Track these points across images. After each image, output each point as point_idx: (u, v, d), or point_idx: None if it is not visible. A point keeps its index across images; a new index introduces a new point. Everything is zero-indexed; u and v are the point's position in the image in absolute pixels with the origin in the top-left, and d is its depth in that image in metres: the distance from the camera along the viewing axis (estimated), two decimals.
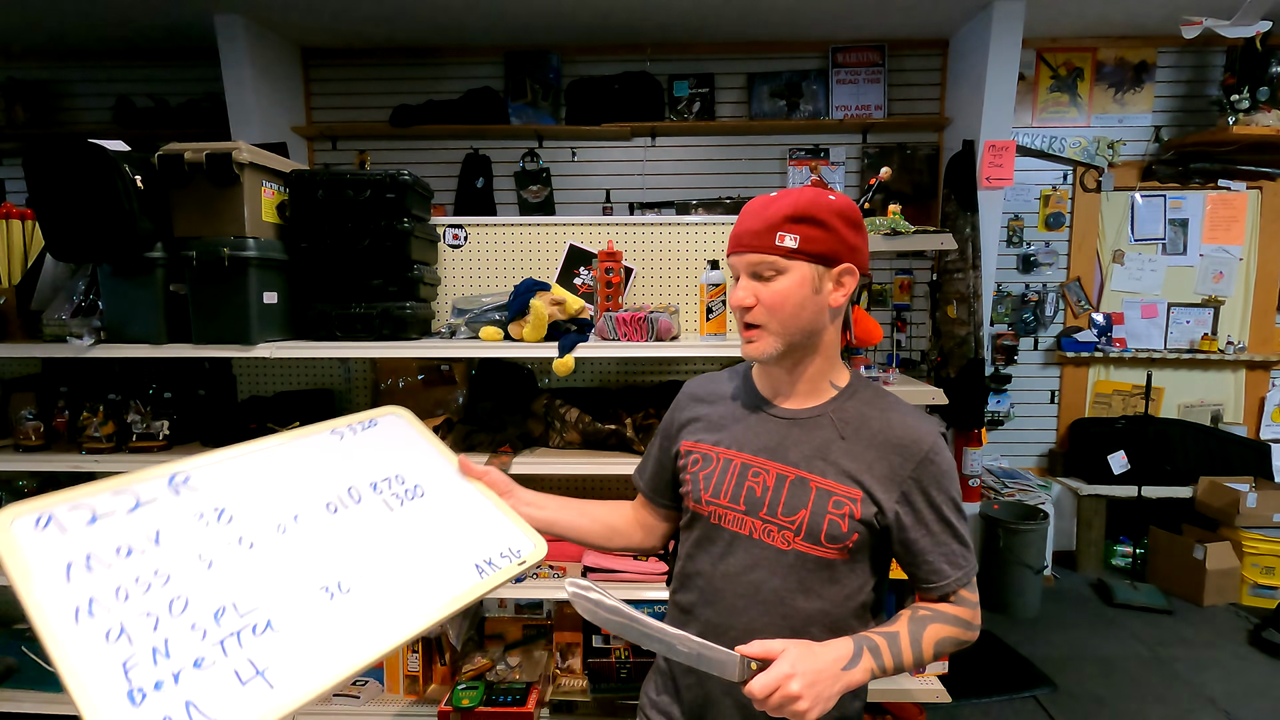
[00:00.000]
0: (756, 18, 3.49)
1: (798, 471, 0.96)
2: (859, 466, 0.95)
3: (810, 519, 0.94)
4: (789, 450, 0.98)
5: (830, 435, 0.97)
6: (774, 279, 0.93)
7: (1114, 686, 2.71)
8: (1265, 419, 3.95)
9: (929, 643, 0.93)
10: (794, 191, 0.94)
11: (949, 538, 0.96)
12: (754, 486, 0.98)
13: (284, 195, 1.90)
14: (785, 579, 0.96)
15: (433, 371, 2.17)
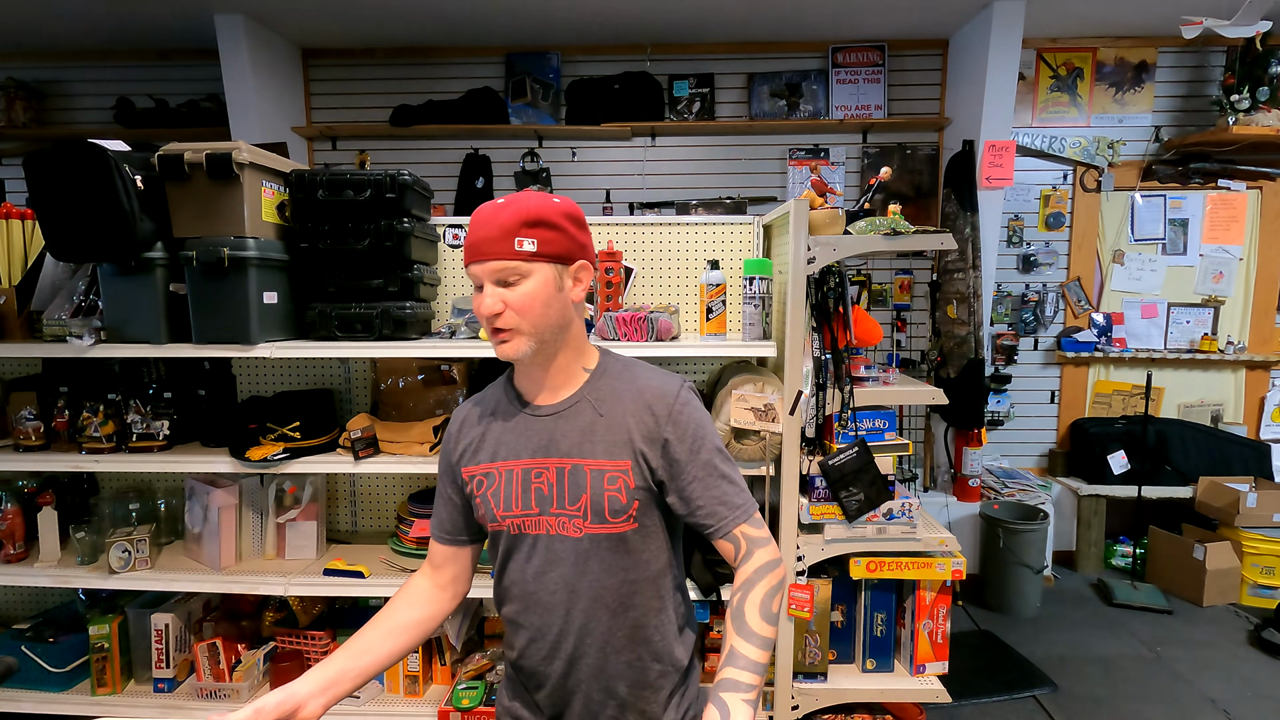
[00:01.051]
0: (756, 18, 3.49)
1: (571, 460, 1.02)
2: (621, 437, 1.02)
3: (593, 501, 1.01)
4: (559, 442, 1.03)
5: (590, 417, 1.03)
6: (519, 283, 0.98)
7: (1114, 686, 2.71)
8: (1265, 419, 3.95)
9: (755, 621, 0.98)
10: (521, 197, 0.99)
11: (716, 479, 1.03)
12: (540, 487, 1.03)
13: (284, 195, 1.90)
14: (588, 563, 1.02)
15: (433, 371, 2.17)
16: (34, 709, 2.00)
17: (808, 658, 1.89)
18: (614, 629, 1.04)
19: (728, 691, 0.93)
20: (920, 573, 1.83)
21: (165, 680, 2.03)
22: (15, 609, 2.41)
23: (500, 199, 0.99)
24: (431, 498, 2.13)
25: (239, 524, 2.06)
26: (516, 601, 1.07)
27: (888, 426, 1.85)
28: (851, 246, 1.76)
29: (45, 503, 2.06)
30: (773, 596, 1.00)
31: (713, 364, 2.27)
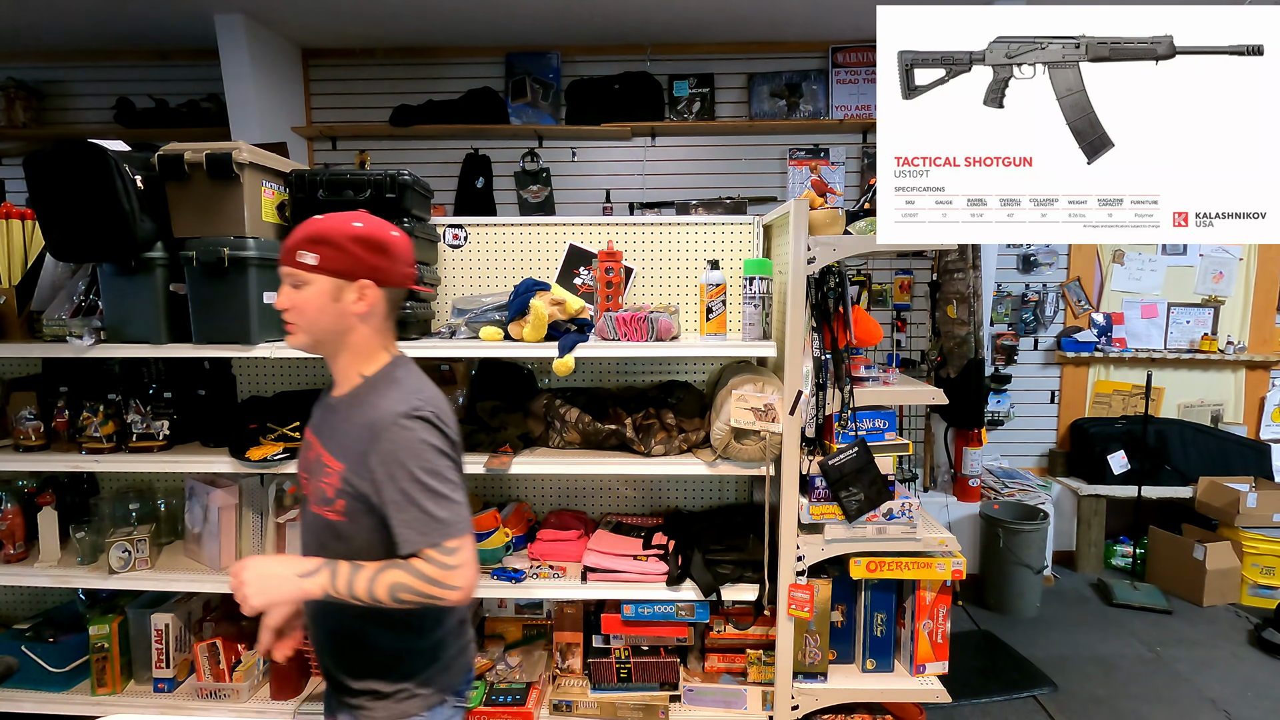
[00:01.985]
0: (756, 18, 3.49)
1: (319, 446, 1.19)
2: (346, 444, 1.14)
3: (316, 485, 1.17)
4: (323, 429, 1.21)
5: (344, 416, 1.17)
6: (302, 289, 1.13)
7: (1114, 686, 2.71)
8: (1265, 419, 3.95)
9: (383, 584, 1.07)
10: (319, 219, 1.15)
11: (408, 505, 1.08)
12: (308, 455, 1.22)
13: (284, 195, 1.90)
14: (314, 537, 1.19)
15: (433, 371, 2.17)
16: (34, 709, 2.00)
17: (808, 658, 1.89)
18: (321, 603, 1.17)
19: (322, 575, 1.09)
20: (920, 573, 1.83)
21: (165, 680, 2.03)
22: (15, 609, 2.41)
23: (326, 215, 1.17)
24: None
25: (239, 524, 2.06)
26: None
27: (888, 426, 1.85)
28: (851, 246, 1.76)
29: (45, 503, 2.06)
30: (406, 592, 1.08)
31: (713, 364, 2.27)
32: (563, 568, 1.99)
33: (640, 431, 1.95)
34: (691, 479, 2.32)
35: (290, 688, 2.00)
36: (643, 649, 1.97)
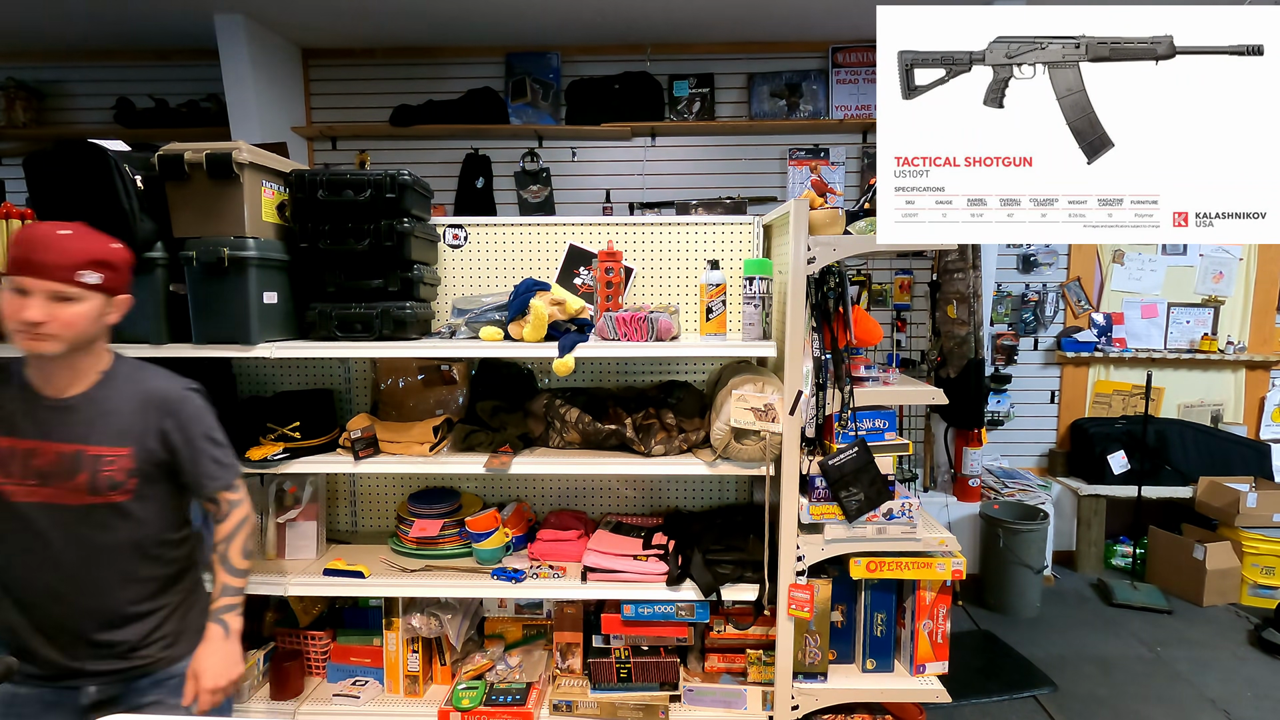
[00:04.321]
0: (756, 18, 3.50)
1: (73, 446, 1.25)
2: (123, 428, 1.29)
3: (91, 479, 1.26)
4: (65, 427, 1.26)
5: (97, 411, 1.28)
6: (72, 303, 1.20)
7: (1114, 686, 2.71)
8: (1265, 419, 3.95)
9: (238, 560, 1.41)
10: (89, 238, 1.23)
11: (207, 456, 1.39)
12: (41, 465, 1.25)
13: (284, 195, 1.90)
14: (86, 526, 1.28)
15: (433, 371, 2.17)
16: None
17: (808, 658, 1.89)
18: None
19: (225, 613, 1.38)
20: (920, 573, 1.83)
21: None
22: None
23: (63, 229, 1.21)
24: (431, 497, 2.13)
25: None
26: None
27: (888, 426, 1.85)
28: (851, 246, 1.76)
29: None
30: (249, 539, 1.43)
31: (713, 364, 2.27)
32: (563, 568, 1.99)
33: (640, 431, 1.95)
34: (691, 479, 2.32)
35: (290, 688, 2.00)
36: (643, 649, 1.97)
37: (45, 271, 1.17)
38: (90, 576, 1.30)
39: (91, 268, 1.21)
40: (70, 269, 1.18)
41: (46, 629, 1.31)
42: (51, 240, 1.19)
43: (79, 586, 1.30)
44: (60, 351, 1.22)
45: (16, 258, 1.18)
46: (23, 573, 1.29)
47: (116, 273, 1.27)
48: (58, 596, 1.29)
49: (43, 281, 1.17)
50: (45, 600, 1.30)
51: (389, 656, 2.03)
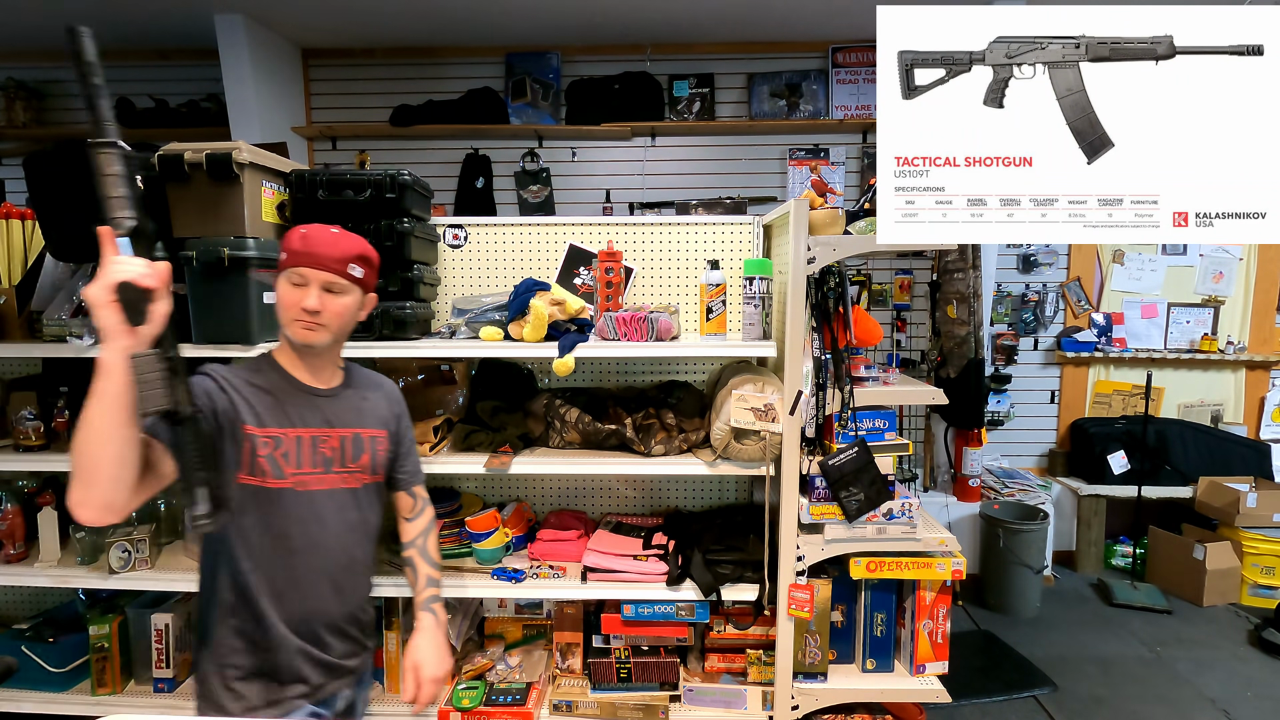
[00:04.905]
0: (756, 18, 3.50)
1: (353, 430, 1.34)
2: (378, 415, 1.40)
3: (371, 459, 1.36)
4: (336, 414, 1.33)
5: (357, 400, 1.38)
6: (340, 296, 1.28)
7: (1114, 686, 2.71)
8: (1265, 419, 3.95)
9: (435, 556, 1.53)
10: (353, 236, 1.30)
11: (414, 453, 1.53)
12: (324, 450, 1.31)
13: (284, 195, 1.90)
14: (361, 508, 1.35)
15: (433, 371, 2.17)
16: (34, 709, 2.00)
17: (808, 658, 1.89)
18: None
19: (434, 603, 1.45)
20: (920, 573, 1.83)
21: (165, 680, 2.03)
22: (15, 609, 2.41)
23: (332, 229, 1.29)
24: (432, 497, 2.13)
25: None
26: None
27: (888, 426, 1.85)
28: (851, 246, 1.76)
29: (45, 503, 2.06)
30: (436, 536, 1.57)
31: (713, 364, 2.27)
32: (563, 568, 1.99)
33: (640, 431, 1.95)
34: (691, 479, 2.32)
35: None
36: (643, 649, 1.97)
37: (322, 263, 1.24)
38: (354, 561, 1.34)
39: (357, 261, 1.28)
40: (343, 261, 1.26)
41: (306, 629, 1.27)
42: (326, 235, 1.27)
43: (348, 571, 1.32)
44: (327, 342, 1.29)
45: (298, 250, 1.25)
46: (300, 562, 1.27)
47: (372, 270, 1.34)
48: (333, 584, 1.30)
49: (320, 272, 1.24)
50: (316, 591, 1.28)
51: (389, 656, 2.03)
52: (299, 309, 1.25)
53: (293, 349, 1.32)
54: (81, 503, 0.97)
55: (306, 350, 1.30)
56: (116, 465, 0.97)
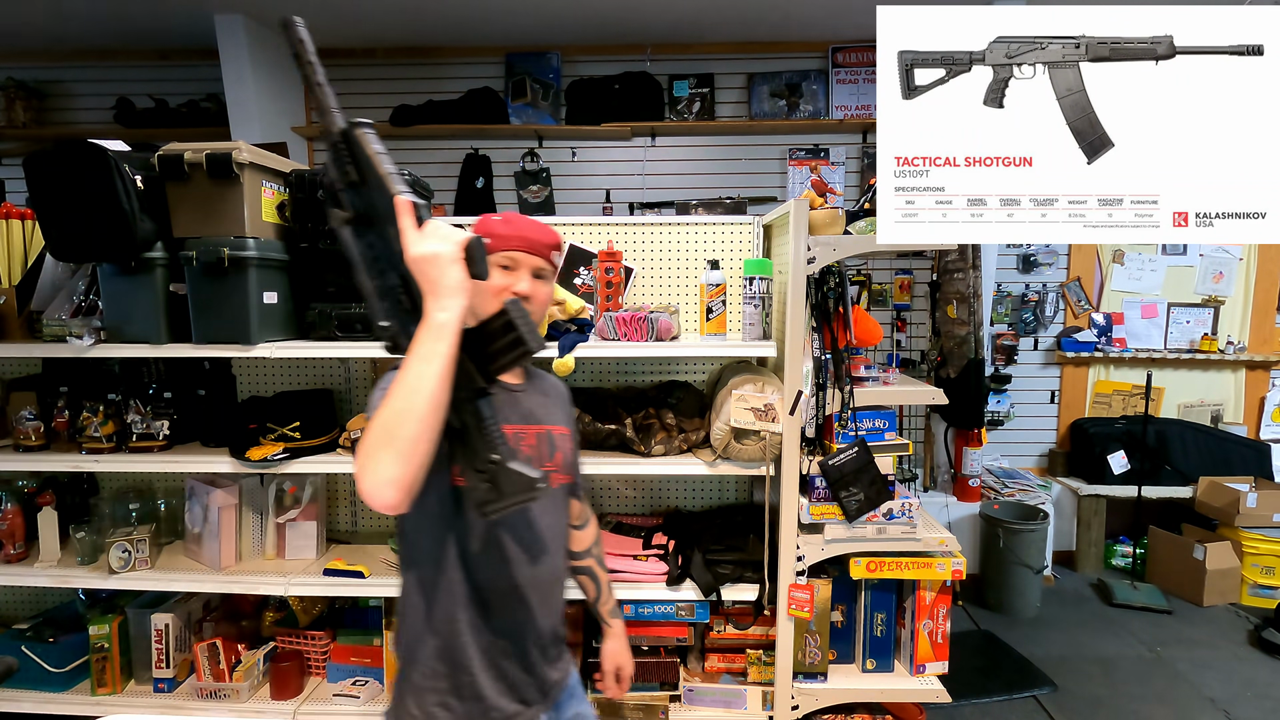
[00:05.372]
0: (756, 18, 3.49)
1: (546, 426, 1.25)
2: (561, 414, 1.31)
3: (565, 456, 1.27)
4: (529, 412, 1.25)
5: (542, 397, 1.29)
6: (544, 282, 1.22)
7: (1114, 686, 2.71)
8: (1265, 419, 3.95)
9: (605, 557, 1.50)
10: (549, 227, 1.24)
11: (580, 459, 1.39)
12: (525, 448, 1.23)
13: (284, 195, 1.90)
14: (559, 510, 1.26)
15: None
16: (34, 709, 2.00)
17: (808, 658, 1.89)
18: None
19: (617, 610, 1.45)
20: (920, 573, 1.83)
21: (165, 680, 2.03)
22: (15, 609, 2.41)
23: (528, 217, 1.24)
24: None
25: (239, 524, 2.06)
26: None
27: (888, 426, 1.85)
28: (851, 246, 1.76)
29: (45, 503, 2.06)
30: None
31: (713, 364, 2.27)
32: None
33: (640, 431, 1.95)
34: (691, 479, 2.32)
35: (290, 688, 2.00)
36: (643, 649, 1.97)
37: (535, 247, 1.19)
38: (557, 569, 1.25)
39: (558, 250, 1.25)
40: (549, 247, 1.21)
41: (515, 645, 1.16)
42: (529, 220, 1.23)
43: (553, 580, 1.24)
44: None
45: (506, 234, 1.19)
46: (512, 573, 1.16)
47: (562, 258, 1.34)
48: (541, 594, 1.20)
49: (532, 256, 1.19)
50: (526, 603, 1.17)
51: (389, 656, 2.03)
52: (510, 293, 1.15)
53: None
54: (393, 482, 0.83)
55: None
56: (434, 438, 0.87)
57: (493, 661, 1.13)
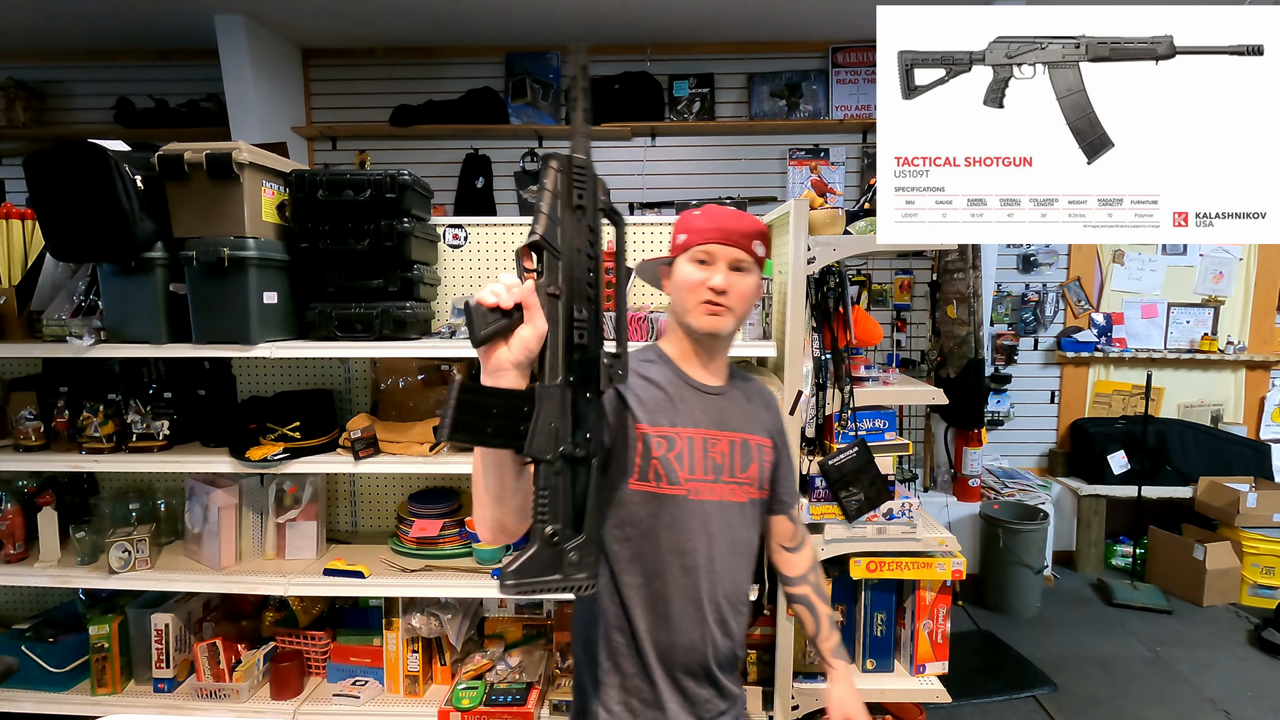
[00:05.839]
0: (756, 18, 3.50)
1: (741, 434, 1.17)
2: (764, 423, 1.22)
3: (758, 470, 1.18)
4: (721, 418, 1.17)
5: (743, 402, 1.21)
6: (745, 274, 1.14)
7: (1114, 686, 2.71)
8: (1265, 419, 3.95)
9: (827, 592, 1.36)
10: (751, 216, 1.17)
11: (792, 473, 1.31)
12: (715, 456, 1.15)
13: (284, 195, 1.90)
14: (746, 526, 1.17)
15: (433, 371, 2.17)
16: (34, 709, 2.00)
17: (808, 658, 1.89)
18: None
19: (840, 649, 1.33)
20: (920, 573, 1.83)
21: (165, 680, 2.03)
22: (15, 609, 2.41)
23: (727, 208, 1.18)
24: (431, 497, 2.13)
25: (239, 524, 2.06)
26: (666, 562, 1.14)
27: (888, 426, 1.85)
28: (851, 246, 1.76)
29: (45, 503, 2.06)
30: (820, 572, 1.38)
31: None
32: None
33: None
34: None
35: (290, 688, 2.00)
36: None
37: (731, 238, 1.12)
38: (738, 588, 1.16)
39: (760, 239, 1.15)
40: (749, 236, 1.13)
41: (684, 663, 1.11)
42: (728, 211, 1.16)
43: (733, 599, 1.15)
44: (731, 328, 1.14)
45: (702, 227, 1.13)
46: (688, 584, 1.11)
47: (768, 250, 1.19)
48: (718, 613, 1.13)
49: (728, 248, 1.12)
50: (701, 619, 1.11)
51: (389, 656, 2.03)
52: (705, 288, 1.11)
53: (690, 338, 1.16)
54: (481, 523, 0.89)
55: (707, 339, 1.15)
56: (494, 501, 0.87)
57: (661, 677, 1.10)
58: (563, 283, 0.80)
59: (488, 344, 0.79)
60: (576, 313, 0.80)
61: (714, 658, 1.12)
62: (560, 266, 0.80)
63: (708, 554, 1.11)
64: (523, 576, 0.79)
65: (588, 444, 0.82)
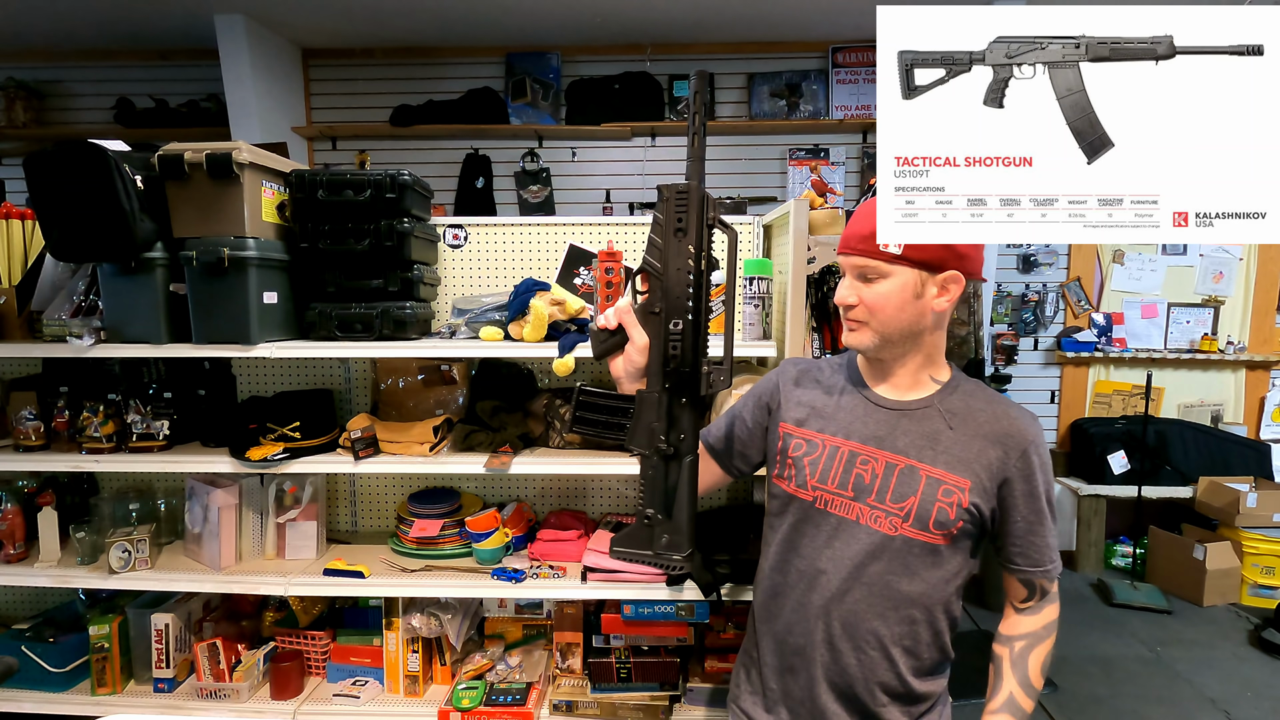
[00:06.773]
0: (756, 18, 3.50)
1: (907, 460, 1.02)
2: (968, 456, 1.01)
3: (920, 505, 1.01)
4: (897, 439, 1.04)
5: (939, 426, 1.03)
6: (877, 281, 1.01)
7: (1114, 686, 2.71)
8: (1265, 419, 3.95)
9: (1036, 676, 1.06)
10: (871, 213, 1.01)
11: (1047, 529, 1.04)
12: (862, 473, 1.04)
13: (284, 195, 1.90)
14: (890, 563, 1.02)
15: (433, 371, 2.17)
16: (34, 709, 2.00)
17: None
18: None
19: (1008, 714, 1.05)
20: None
21: (165, 680, 2.03)
22: (15, 609, 2.41)
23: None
24: (431, 497, 2.13)
25: (239, 524, 2.06)
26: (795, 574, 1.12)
27: None
28: None
29: (45, 503, 2.06)
30: (1047, 661, 1.08)
31: None
32: (563, 568, 1.99)
33: None
34: None
35: (290, 688, 2.00)
36: (643, 649, 1.97)
37: (849, 244, 1.02)
38: (860, 628, 1.03)
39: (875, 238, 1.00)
40: (870, 237, 0.99)
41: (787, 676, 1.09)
42: (867, 209, 1.01)
43: (850, 635, 1.04)
44: (873, 345, 1.02)
45: (841, 236, 1.05)
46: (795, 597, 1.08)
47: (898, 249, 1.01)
48: (828, 640, 1.05)
49: (850, 257, 1.02)
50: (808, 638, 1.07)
51: (389, 656, 2.03)
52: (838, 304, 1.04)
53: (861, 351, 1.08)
54: None
55: (870, 354, 1.07)
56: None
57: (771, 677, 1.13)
58: (662, 300, 0.88)
59: (606, 359, 0.94)
60: (672, 326, 0.87)
61: (824, 677, 1.06)
62: (660, 286, 0.89)
63: (822, 572, 1.05)
64: (622, 545, 0.91)
65: (680, 443, 0.89)
